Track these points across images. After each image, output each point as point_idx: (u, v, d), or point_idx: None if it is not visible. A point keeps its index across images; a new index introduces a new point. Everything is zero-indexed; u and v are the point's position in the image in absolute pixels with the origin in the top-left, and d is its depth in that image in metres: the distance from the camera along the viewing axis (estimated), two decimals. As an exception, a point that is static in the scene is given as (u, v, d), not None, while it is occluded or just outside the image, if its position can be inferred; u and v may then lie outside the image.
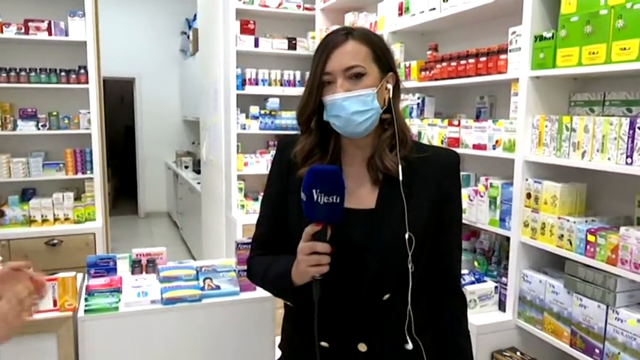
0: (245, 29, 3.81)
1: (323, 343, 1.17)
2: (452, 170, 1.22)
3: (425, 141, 2.58)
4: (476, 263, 2.37)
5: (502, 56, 2.10)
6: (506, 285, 2.12)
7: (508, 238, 2.25)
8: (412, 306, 1.16)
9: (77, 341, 1.94)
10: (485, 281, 2.21)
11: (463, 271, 2.33)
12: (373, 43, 1.15)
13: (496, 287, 2.17)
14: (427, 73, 2.56)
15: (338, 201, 1.05)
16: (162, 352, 2.02)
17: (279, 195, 1.28)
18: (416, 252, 1.13)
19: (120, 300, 2.06)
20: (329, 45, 1.15)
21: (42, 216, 3.58)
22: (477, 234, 2.51)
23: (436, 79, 2.49)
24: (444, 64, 2.42)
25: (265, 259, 1.29)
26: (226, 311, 2.14)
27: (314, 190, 1.04)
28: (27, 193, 3.75)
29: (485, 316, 2.12)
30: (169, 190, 8.06)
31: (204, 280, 2.21)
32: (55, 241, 3.52)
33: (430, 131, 2.53)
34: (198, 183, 5.66)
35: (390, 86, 1.16)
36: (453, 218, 1.24)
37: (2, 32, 3.48)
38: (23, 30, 3.52)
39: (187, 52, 7.37)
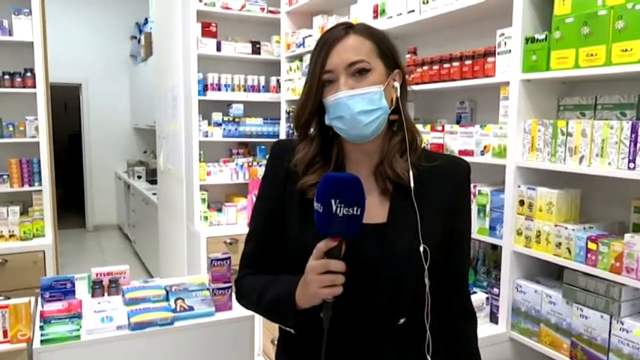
0: (206, 32, 3.63)
1: None
2: (463, 181, 1.15)
3: (405, 147, 2.49)
4: (462, 273, 2.28)
5: (489, 59, 2.03)
6: (498, 296, 2.05)
7: (494, 247, 2.19)
8: (429, 326, 1.06)
9: (33, 377, 1.71)
10: (474, 292, 2.13)
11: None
12: (377, 38, 1.07)
13: (487, 298, 2.09)
14: (407, 77, 2.48)
15: (359, 213, 0.93)
16: (132, 384, 1.82)
17: (274, 206, 1.14)
18: (432, 267, 1.03)
19: (81, 327, 1.84)
20: (328, 41, 1.04)
21: (-17, 233, 3.24)
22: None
23: (417, 84, 2.41)
24: (425, 67, 2.34)
25: (260, 278, 1.13)
26: (201, 334, 1.97)
27: (333, 201, 0.92)
28: (-35, 209, 3.39)
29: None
30: (120, 202, 7.66)
31: (175, 301, 2.02)
32: (0, 261, 3.19)
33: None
34: (154, 194, 5.37)
35: (397, 84, 1.08)
36: (465, 232, 1.19)
37: None
38: (-40, 28, 3.19)
39: (138, 57, 7.06)
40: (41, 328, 1.81)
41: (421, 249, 1.02)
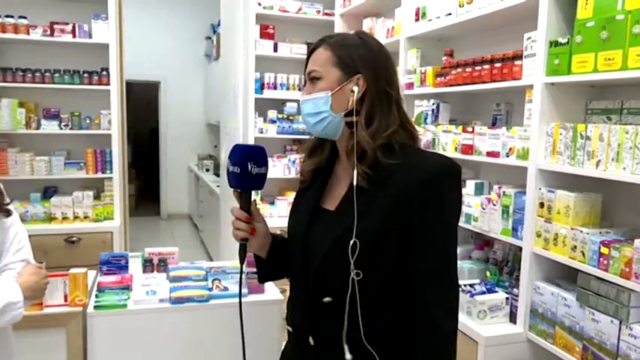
0: (264, 34, 3.85)
1: (288, 328, 1.28)
2: (429, 178, 1.08)
3: (439, 148, 2.55)
4: (488, 273, 2.32)
5: (517, 62, 2.06)
6: (517, 296, 2.07)
7: (521, 248, 2.21)
8: (364, 315, 1.11)
9: (86, 336, 1.97)
10: (496, 292, 2.16)
11: (474, 281, 2.29)
12: (339, 48, 1.15)
13: (507, 298, 2.12)
14: (442, 78, 2.54)
15: (265, 171, 1.20)
16: (168, 350, 2.04)
17: None
18: (364, 261, 1.09)
19: (129, 297, 2.09)
20: (308, 52, 1.21)
21: (62, 214, 3.65)
22: (490, 244, 2.46)
23: (451, 85, 2.46)
24: (459, 69, 2.39)
25: None
26: (234, 312, 2.14)
27: (249, 163, 1.17)
28: (49, 191, 3.84)
29: (495, 328, 2.07)
30: (191, 193, 8.15)
31: (212, 281, 2.22)
32: (74, 239, 3.59)
33: (444, 138, 2.50)
34: (218, 186, 5.71)
35: (355, 89, 1.13)
36: (431, 234, 1.09)
37: (29, 34, 3.59)
38: (49, 32, 3.62)
39: (211, 57, 7.47)
40: (96, 296, 2.08)
41: (351, 242, 1.07)
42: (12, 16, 3.58)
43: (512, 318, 2.10)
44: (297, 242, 1.22)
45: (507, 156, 2.12)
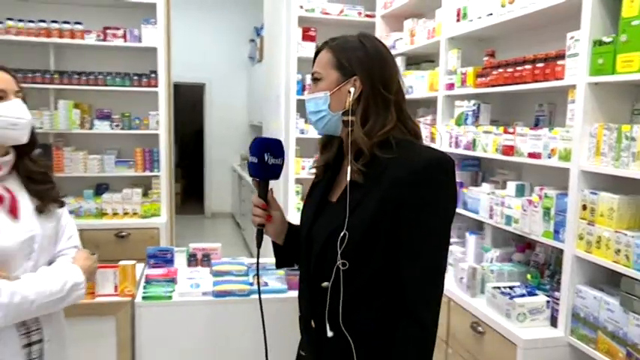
0: (306, 36, 3.91)
1: (299, 313, 1.37)
2: (416, 174, 1.11)
3: (479, 149, 2.53)
4: (528, 276, 2.29)
5: (560, 62, 2.03)
6: (558, 300, 2.04)
7: (562, 251, 2.17)
8: (348, 300, 1.17)
9: (134, 325, 2.08)
10: (536, 294, 2.14)
11: (514, 283, 2.27)
12: (339, 50, 1.21)
13: (548, 302, 2.09)
14: (483, 79, 2.52)
15: (281, 162, 1.29)
16: (210, 340, 2.12)
17: None
18: (352, 252, 1.15)
19: (174, 290, 2.18)
20: (314, 54, 1.28)
21: (112, 209, 3.84)
22: (531, 246, 2.43)
23: (492, 86, 2.44)
24: (501, 70, 2.37)
25: None
26: (272, 308, 2.20)
27: (266, 154, 1.26)
28: (100, 188, 4.04)
29: (535, 331, 2.05)
30: (234, 192, 8.33)
31: (253, 277, 2.29)
32: (124, 234, 3.76)
33: (485, 139, 2.48)
34: (260, 185, 5.81)
35: (352, 90, 1.18)
36: (414, 229, 1.12)
37: (83, 39, 3.78)
38: (102, 37, 3.80)
39: (254, 59, 7.61)
40: (144, 287, 2.19)
41: (341, 235, 1.14)
42: (68, 22, 3.79)
43: (553, 322, 2.07)
44: (303, 231, 1.31)
45: (549, 157, 2.09)
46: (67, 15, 3.83)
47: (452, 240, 2.76)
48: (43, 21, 3.74)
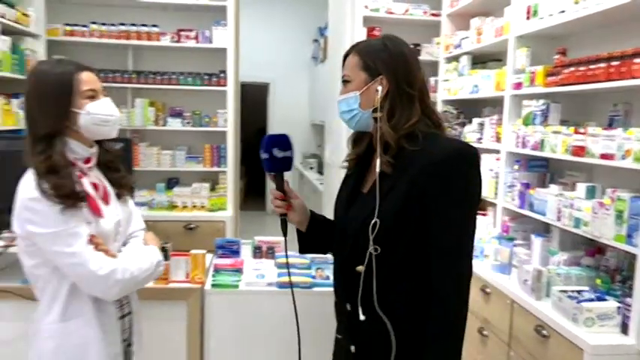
0: (371, 36, 3.93)
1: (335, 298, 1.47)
2: (434, 166, 1.21)
3: (547, 149, 2.47)
4: (598, 281, 2.21)
5: (636, 60, 1.95)
6: (630, 306, 1.97)
7: (635, 256, 2.09)
8: (381, 284, 1.26)
9: (203, 310, 2.20)
10: (606, 300, 2.07)
11: (583, 288, 2.20)
12: (365, 53, 1.31)
13: (619, 308, 2.02)
14: (554, 78, 2.46)
15: (290, 155, 1.39)
16: (273, 328, 2.20)
17: None
18: (383, 238, 1.24)
19: (241, 279, 2.29)
20: (343, 58, 1.38)
21: (182, 203, 4.04)
22: (602, 251, 2.34)
23: (563, 85, 2.38)
24: (572, 68, 2.30)
25: None
26: (332, 300, 2.27)
27: (274, 149, 1.37)
28: (171, 182, 4.26)
29: (603, 337, 1.98)
30: (295, 189, 8.45)
31: (316, 270, 2.36)
32: (192, 226, 3.95)
33: (554, 139, 2.42)
34: (321, 183, 5.91)
35: (379, 88, 1.28)
36: (440, 216, 1.22)
37: (159, 40, 4.01)
38: (176, 38, 4.01)
39: (317, 59, 7.72)
40: (213, 275, 2.31)
41: (372, 222, 1.23)
42: (146, 25, 4.02)
43: (624, 329, 2.00)
44: (338, 220, 1.42)
45: (623, 158, 2.01)
46: (145, 18, 4.07)
47: (516, 242, 2.73)
48: (123, 24, 4.00)
